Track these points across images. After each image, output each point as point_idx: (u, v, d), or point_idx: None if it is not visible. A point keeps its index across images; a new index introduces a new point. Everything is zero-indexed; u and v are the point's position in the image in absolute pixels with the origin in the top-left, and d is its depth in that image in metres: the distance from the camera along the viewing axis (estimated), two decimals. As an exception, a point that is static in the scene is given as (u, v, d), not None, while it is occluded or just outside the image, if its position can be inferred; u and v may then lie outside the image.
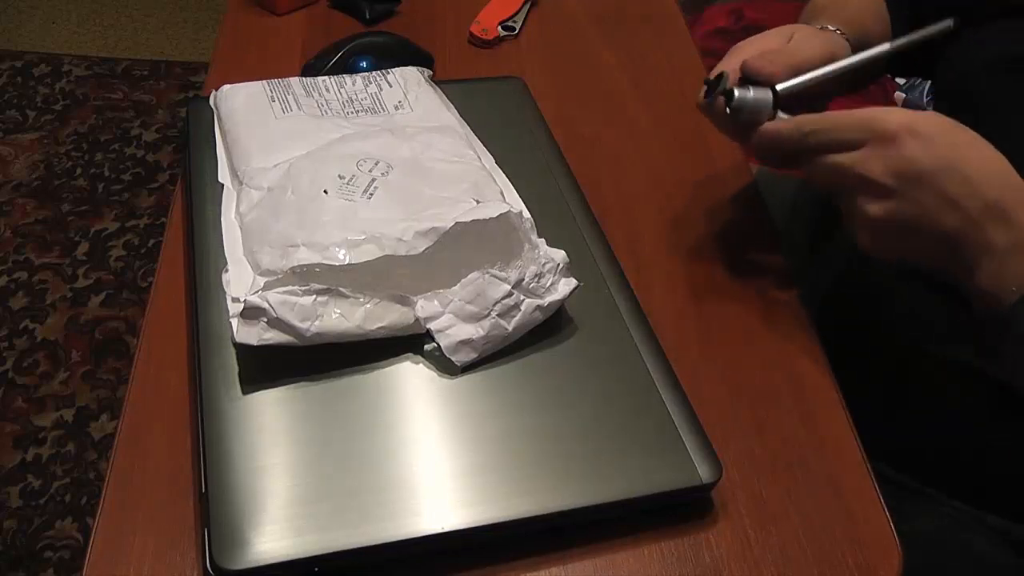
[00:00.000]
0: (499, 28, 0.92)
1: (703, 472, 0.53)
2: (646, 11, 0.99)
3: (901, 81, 2.18)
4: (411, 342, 0.58)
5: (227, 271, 0.59)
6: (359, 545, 0.48)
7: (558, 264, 0.59)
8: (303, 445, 0.53)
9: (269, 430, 0.53)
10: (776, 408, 0.61)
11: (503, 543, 0.52)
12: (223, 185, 0.66)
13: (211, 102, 0.73)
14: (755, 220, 0.75)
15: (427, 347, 0.58)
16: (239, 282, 0.58)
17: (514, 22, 0.94)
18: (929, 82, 2.20)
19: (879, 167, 0.55)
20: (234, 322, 0.55)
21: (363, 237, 0.57)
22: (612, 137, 0.82)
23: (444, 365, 0.57)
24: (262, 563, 0.47)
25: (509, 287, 0.57)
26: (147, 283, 1.73)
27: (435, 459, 0.53)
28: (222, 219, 0.64)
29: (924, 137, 0.54)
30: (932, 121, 0.55)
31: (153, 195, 1.90)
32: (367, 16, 0.92)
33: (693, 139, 0.82)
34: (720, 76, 0.64)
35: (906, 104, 2.13)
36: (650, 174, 0.78)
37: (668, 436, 0.55)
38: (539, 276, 0.58)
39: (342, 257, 0.56)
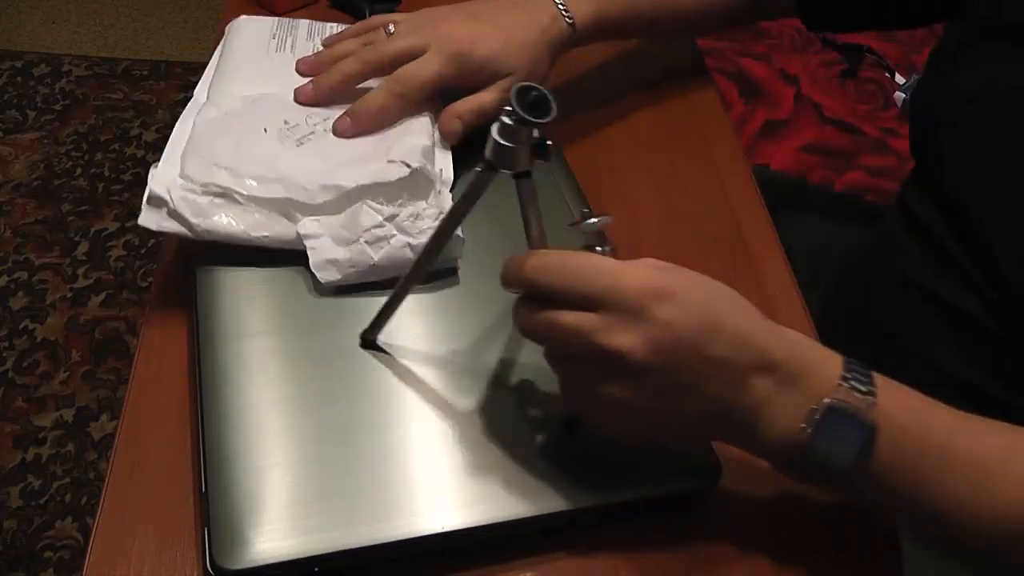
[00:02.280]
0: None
1: (703, 472, 0.53)
2: (646, 11, 0.99)
3: (901, 81, 2.19)
4: (411, 341, 0.58)
5: (155, 165, 0.63)
6: (359, 545, 0.48)
7: (440, 212, 0.62)
8: (303, 445, 0.53)
9: (269, 430, 0.53)
10: (776, 408, 0.61)
11: (503, 543, 0.52)
12: (196, 98, 0.70)
13: (226, 30, 0.77)
14: (755, 220, 0.75)
15: (427, 347, 0.58)
16: (162, 177, 0.61)
17: (514, 22, 0.94)
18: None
19: (628, 339, 0.44)
20: (143, 207, 0.60)
21: (274, 176, 0.61)
22: (612, 137, 0.82)
23: (444, 365, 0.57)
24: (262, 563, 0.47)
25: (381, 218, 0.60)
26: (147, 283, 1.73)
27: (435, 459, 0.53)
28: (178, 124, 0.66)
29: (676, 298, 0.45)
30: (678, 279, 0.47)
31: (153, 195, 1.90)
32: (367, 16, 0.92)
33: (693, 139, 0.82)
34: None
35: (905, 105, 2.13)
36: (650, 174, 0.78)
37: (668, 436, 0.55)
38: (416, 217, 0.61)
39: (250, 187, 0.61)
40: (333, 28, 0.78)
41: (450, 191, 0.65)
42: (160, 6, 2.44)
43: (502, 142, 0.47)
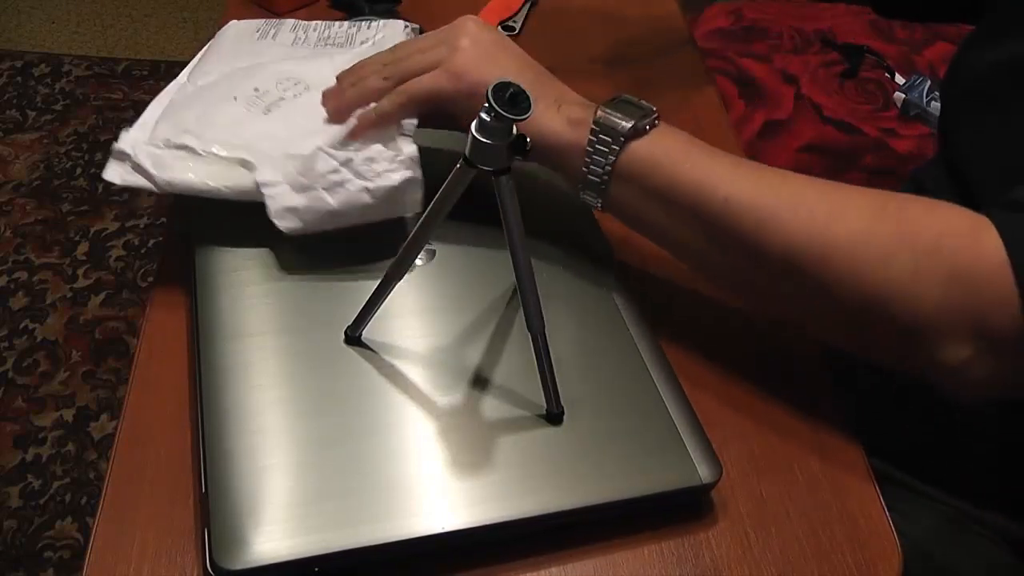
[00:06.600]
0: (499, 28, 0.92)
1: (703, 472, 0.53)
2: (646, 11, 0.99)
3: (901, 81, 2.19)
4: (409, 342, 0.58)
5: (127, 130, 0.64)
6: (359, 545, 0.48)
7: (396, 155, 0.61)
8: (303, 445, 0.53)
9: (269, 430, 0.53)
10: (776, 408, 0.61)
11: (503, 543, 0.52)
12: (177, 80, 0.72)
13: (218, 32, 0.80)
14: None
15: (428, 348, 0.58)
16: (130, 137, 0.63)
17: (514, 22, 0.94)
18: (929, 82, 2.19)
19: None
20: (108, 162, 0.63)
21: (239, 143, 0.63)
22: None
23: (444, 365, 0.57)
24: (262, 563, 0.47)
25: (337, 163, 0.60)
26: (147, 283, 1.73)
27: (435, 459, 0.53)
28: (155, 99, 0.69)
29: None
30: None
31: (153, 195, 1.89)
32: (367, 15, 0.92)
33: (693, 139, 0.82)
34: None
35: (905, 105, 2.13)
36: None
37: (668, 436, 0.55)
38: (371, 160, 0.61)
39: (216, 152, 0.62)
40: (318, 26, 0.80)
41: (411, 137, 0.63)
42: (160, 6, 2.44)
43: (480, 139, 0.47)
